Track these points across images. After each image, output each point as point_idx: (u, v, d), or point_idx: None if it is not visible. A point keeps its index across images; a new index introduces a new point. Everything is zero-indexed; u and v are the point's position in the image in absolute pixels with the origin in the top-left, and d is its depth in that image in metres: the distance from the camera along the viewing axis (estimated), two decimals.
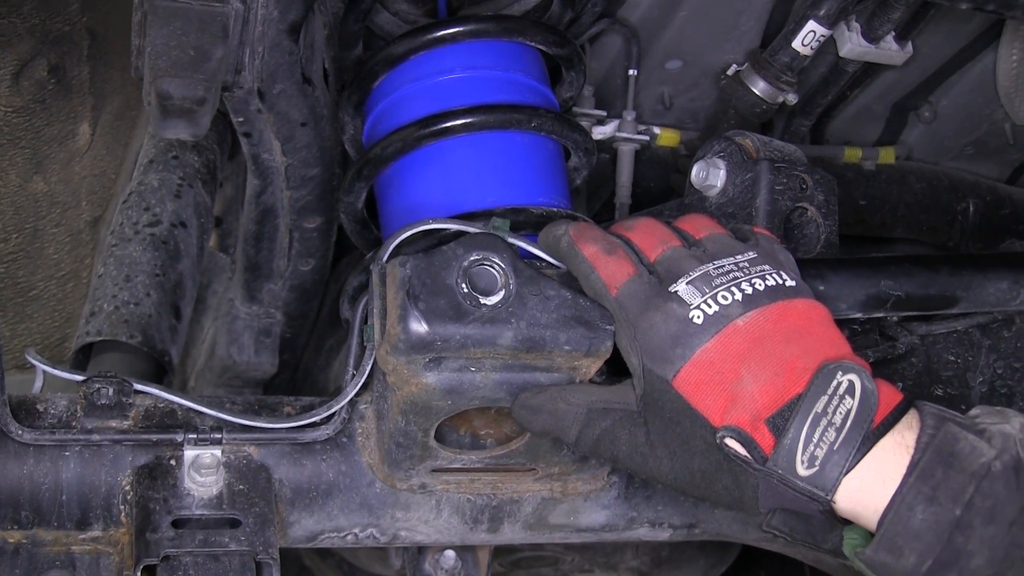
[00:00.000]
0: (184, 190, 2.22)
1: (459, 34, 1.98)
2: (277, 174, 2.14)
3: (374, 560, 2.59)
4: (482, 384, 1.64)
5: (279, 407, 1.84)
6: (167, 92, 1.84)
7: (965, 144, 2.67)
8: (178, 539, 1.68)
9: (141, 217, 2.18)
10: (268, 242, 2.26)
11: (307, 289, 2.34)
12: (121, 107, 2.51)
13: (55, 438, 1.73)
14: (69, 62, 2.47)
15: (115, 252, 2.15)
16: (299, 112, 2.06)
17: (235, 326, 2.39)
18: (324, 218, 2.23)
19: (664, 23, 2.31)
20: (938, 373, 2.06)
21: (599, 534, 1.93)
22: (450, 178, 1.94)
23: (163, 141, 2.28)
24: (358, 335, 1.79)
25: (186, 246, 2.19)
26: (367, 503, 1.82)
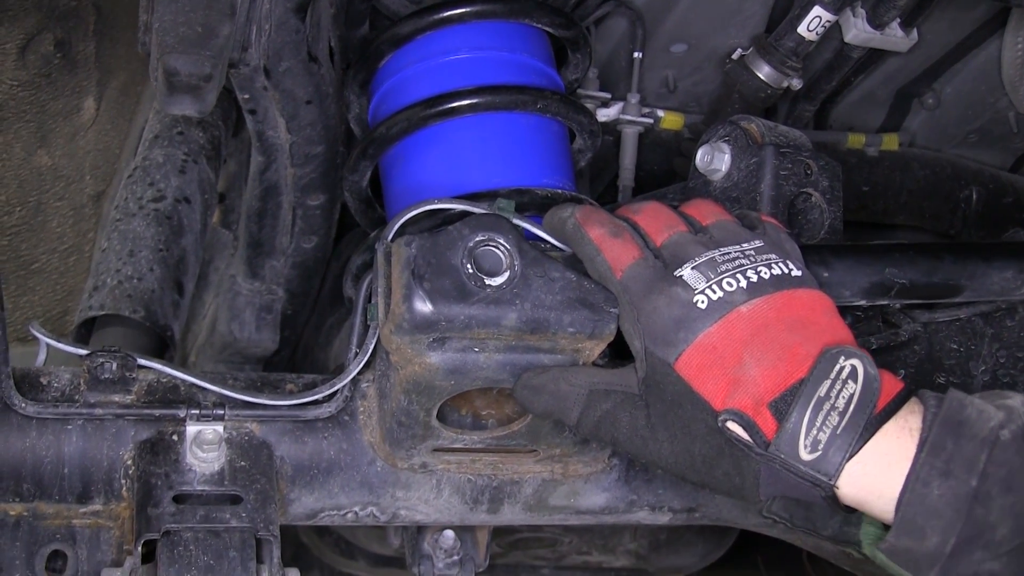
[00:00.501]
0: (189, 166, 2.23)
1: (465, 14, 1.98)
2: (281, 151, 2.15)
3: (372, 539, 2.59)
4: (485, 365, 1.64)
5: (281, 384, 1.84)
6: (174, 68, 1.83)
7: (968, 132, 2.67)
8: (179, 514, 1.68)
9: (145, 192, 2.18)
10: (271, 219, 2.26)
11: (309, 267, 2.35)
12: (126, 82, 2.51)
13: (58, 412, 1.73)
14: (75, 37, 2.46)
15: (119, 227, 2.15)
16: (304, 90, 2.06)
17: (237, 302, 2.39)
18: (327, 196, 2.23)
19: (669, 6, 2.31)
20: (940, 361, 2.06)
21: (599, 516, 1.94)
22: (455, 158, 1.94)
23: (168, 117, 2.28)
24: (361, 314, 1.80)
25: (190, 222, 2.19)
26: (367, 481, 1.83)
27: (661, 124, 2.45)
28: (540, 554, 2.66)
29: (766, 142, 1.92)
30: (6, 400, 1.72)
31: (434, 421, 1.74)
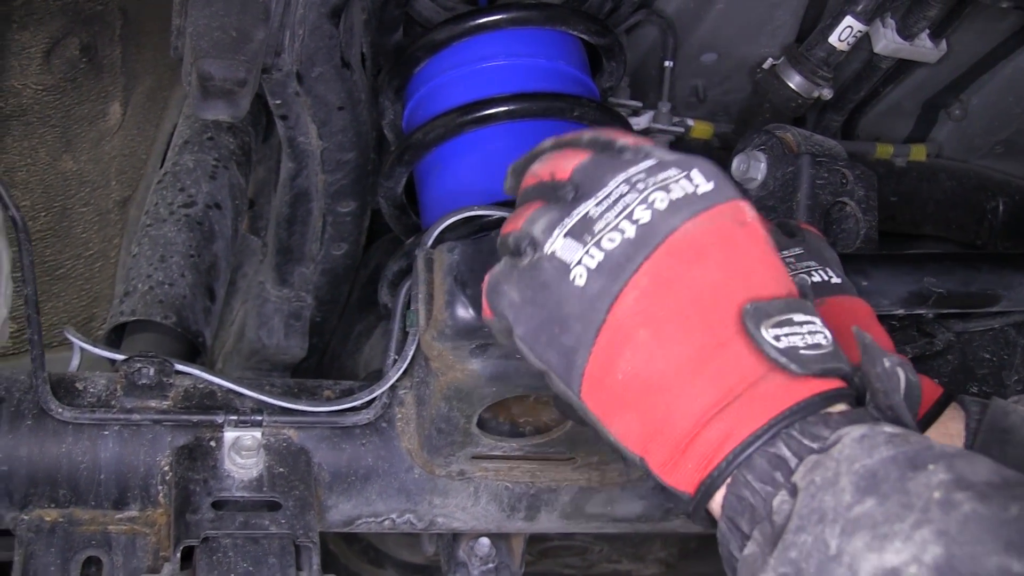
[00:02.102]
0: (219, 171, 2.22)
1: (502, 21, 1.97)
2: (312, 157, 2.14)
3: (402, 546, 2.59)
4: (527, 372, 1.63)
5: (318, 391, 1.84)
6: (208, 73, 1.83)
7: (994, 143, 2.67)
8: (218, 521, 1.68)
9: (176, 198, 2.17)
10: (301, 226, 2.25)
11: (338, 273, 2.34)
12: (153, 87, 2.50)
13: (95, 417, 1.73)
14: (101, 41, 2.46)
15: (150, 232, 2.15)
16: (336, 96, 2.05)
17: (265, 309, 2.39)
18: (358, 203, 2.23)
19: (700, 16, 2.30)
20: (973, 370, 2.06)
21: (634, 524, 1.94)
22: (491, 165, 1.93)
23: (199, 122, 2.28)
24: (399, 320, 1.79)
25: (220, 227, 2.19)
26: (405, 488, 1.82)
27: (690, 133, 2.45)
28: (570, 562, 2.65)
29: (802, 151, 1.92)
30: (43, 405, 1.71)
31: (474, 428, 1.74)
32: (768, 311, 1.19)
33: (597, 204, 1.27)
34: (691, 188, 1.24)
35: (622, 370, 1.22)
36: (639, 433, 1.23)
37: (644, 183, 1.25)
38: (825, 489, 1.09)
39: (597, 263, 1.23)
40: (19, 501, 1.72)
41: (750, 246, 1.24)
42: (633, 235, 1.22)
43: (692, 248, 1.22)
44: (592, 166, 1.31)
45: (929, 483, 1.05)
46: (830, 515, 1.07)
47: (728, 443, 1.18)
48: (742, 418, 1.17)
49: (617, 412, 1.24)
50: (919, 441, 1.10)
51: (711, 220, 1.23)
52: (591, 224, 1.25)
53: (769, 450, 1.15)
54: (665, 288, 1.21)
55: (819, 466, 1.11)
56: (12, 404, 1.73)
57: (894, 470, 1.07)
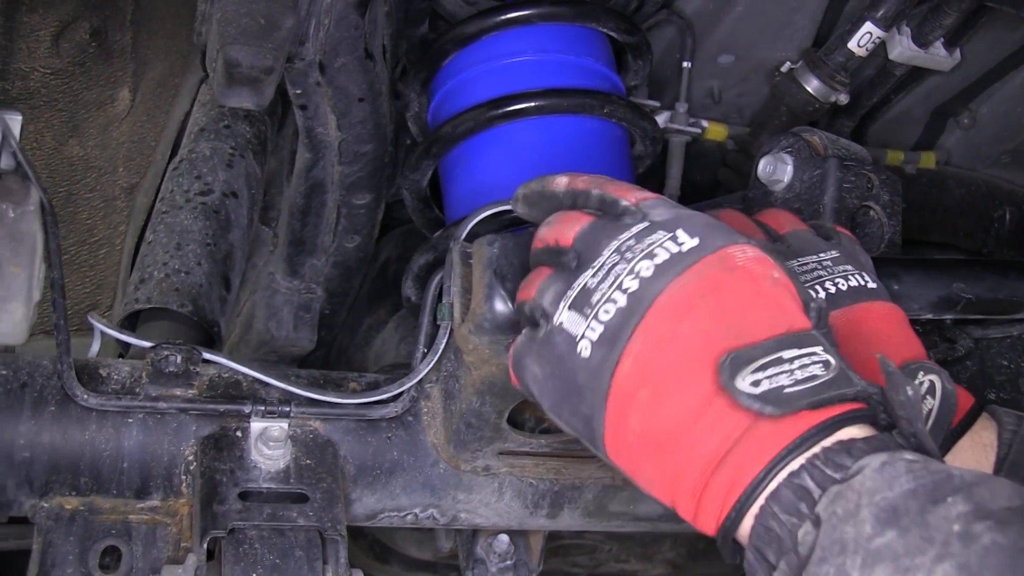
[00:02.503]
0: (236, 160, 2.20)
1: (532, 16, 1.97)
2: (330, 149, 2.12)
3: (409, 543, 2.57)
4: None
5: (344, 382, 1.82)
6: (235, 60, 1.82)
7: (1002, 152, 2.68)
8: (246, 512, 1.65)
9: (192, 185, 2.15)
10: (315, 217, 2.23)
11: (350, 266, 2.32)
12: (164, 74, 2.48)
13: (121, 404, 1.70)
14: (111, 26, 2.43)
15: (165, 219, 2.12)
16: (358, 87, 2.04)
17: (274, 300, 2.36)
18: (373, 195, 2.21)
19: (719, 17, 2.30)
20: (991, 377, 2.07)
21: (656, 524, 1.93)
22: (520, 160, 1.93)
23: (215, 109, 2.25)
24: (430, 313, 1.78)
25: (237, 217, 2.16)
26: (430, 483, 1.81)
27: (705, 135, 2.44)
28: (578, 561, 2.64)
29: (829, 154, 1.92)
30: (68, 391, 1.69)
31: (504, 424, 1.73)
32: (749, 357, 1.21)
33: (593, 275, 1.33)
34: (676, 248, 1.30)
35: (632, 430, 1.27)
36: (662, 485, 1.28)
37: (632, 251, 1.32)
38: (846, 520, 1.10)
39: (598, 335, 1.30)
40: (39, 488, 1.69)
41: (740, 290, 1.28)
42: (625, 304, 1.29)
43: (679, 306, 1.27)
44: (590, 234, 1.37)
45: (948, 516, 1.05)
46: (851, 547, 1.08)
47: (734, 491, 1.20)
48: (742, 465, 1.20)
49: (640, 467, 1.30)
50: (939, 470, 1.11)
51: (698, 275, 1.28)
52: (590, 296, 1.32)
53: (794, 481, 1.17)
54: (656, 348, 1.26)
55: (840, 497, 1.12)
56: (35, 390, 1.70)
57: (914, 503, 1.08)
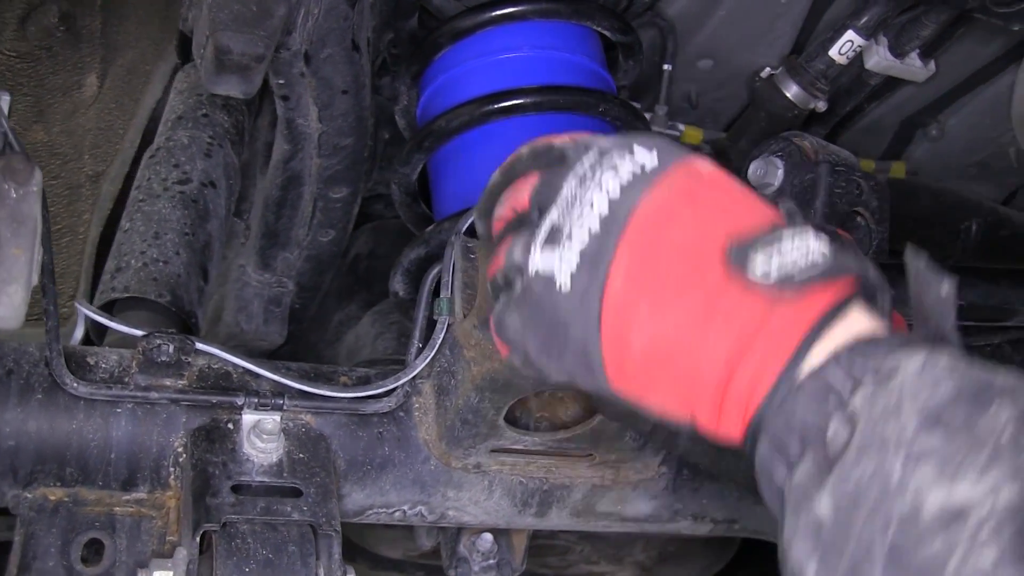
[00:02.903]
0: (214, 149, 2.16)
1: (528, 12, 1.95)
2: (309, 141, 2.10)
3: (381, 541, 2.54)
4: None
5: (335, 376, 1.79)
6: (226, 46, 1.79)
7: (968, 164, 2.70)
8: (239, 505, 1.62)
9: (170, 174, 2.10)
10: (290, 210, 2.21)
11: (323, 260, 2.29)
12: (135, 61, 2.43)
13: (112, 393, 1.66)
14: (81, 11, 2.39)
15: (143, 207, 2.07)
16: (342, 79, 2.02)
17: (245, 293, 2.33)
18: (350, 189, 2.19)
19: (701, 21, 2.30)
20: None
21: (642, 525, 1.92)
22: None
23: (192, 98, 2.21)
24: (426, 308, 1.76)
25: (215, 207, 2.12)
26: (420, 480, 1.79)
27: (682, 138, 2.44)
28: (549, 562, 2.63)
29: (820, 159, 1.92)
30: (57, 379, 1.64)
31: (501, 421, 1.71)
32: (753, 244, 1.17)
33: (559, 211, 1.27)
34: (637, 165, 1.25)
35: (635, 349, 1.21)
36: (677, 399, 1.21)
37: (592, 175, 1.26)
38: (887, 419, 1.05)
39: (576, 264, 1.23)
40: (24, 478, 1.65)
41: (716, 194, 1.24)
42: (599, 227, 1.23)
43: (659, 215, 1.22)
44: (544, 183, 1.31)
45: (997, 421, 1.02)
46: (893, 444, 1.03)
47: (760, 384, 1.15)
48: (767, 355, 1.14)
49: (650, 388, 1.23)
50: (980, 373, 1.06)
51: (668, 186, 1.23)
52: (559, 231, 1.25)
53: (821, 376, 1.11)
54: (647, 258, 1.21)
55: (879, 396, 1.07)
56: (21, 377, 1.65)
57: (961, 407, 1.03)
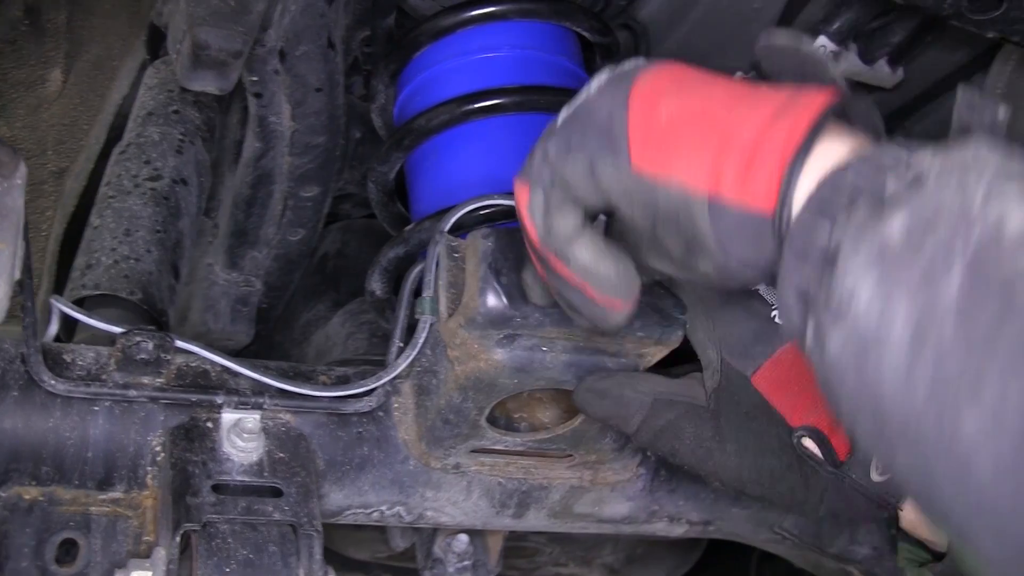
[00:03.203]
0: (186, 146, 2.13)
1: (509, 12, 1.95)
2: (281, 139, 2.08)
3: (348, 542, 2.52)
4: (551, 365, 1.61)
5: (314, 376, 1.78)
6: (204, 42, 1.78)
7: None
8: (220, 505, 1.59)
9: (141, 170, 2.08)
10: (260, 208, 2.19)
11: (292, 260, 2.28)
12: (101, 56, 2.41)
13: (90, 391, 1.64)
14: (46, 5, 2.37)
15: (113, 204, 2.05)
16: (317, 77, 2.01)
17: (212, 292, 2.31)
18: (321, 189, 2.18)
19: (673, 25, 2.30)
20: None
21: (618, 526, 1.92)
22: (493, 156, 1.91)
23: (163, 94, 2.19)
24: (406, 307, 1.75)
25: (186, 205, 2.10)
26: (399, 480, 1.77)
27: None
28: (516, 564, 2.62)
29: None
30: (35, 376, 1.62)
31: (483, 421, 1.70)
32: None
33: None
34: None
35: (663, 116, 1.21)
36: (703, 165, 1.19)
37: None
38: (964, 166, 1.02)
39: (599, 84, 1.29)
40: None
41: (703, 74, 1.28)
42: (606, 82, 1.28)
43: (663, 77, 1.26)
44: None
45: None
46: (975, 172, 1.01)
47: (797, 132, 1.14)
48: (801, 115, 1.14)
49: (674, 156, 1.21)
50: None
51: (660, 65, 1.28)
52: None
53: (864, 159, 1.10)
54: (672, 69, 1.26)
55: (946, 156, 1.05)
56: None
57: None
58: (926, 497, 1.01)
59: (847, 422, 1.07)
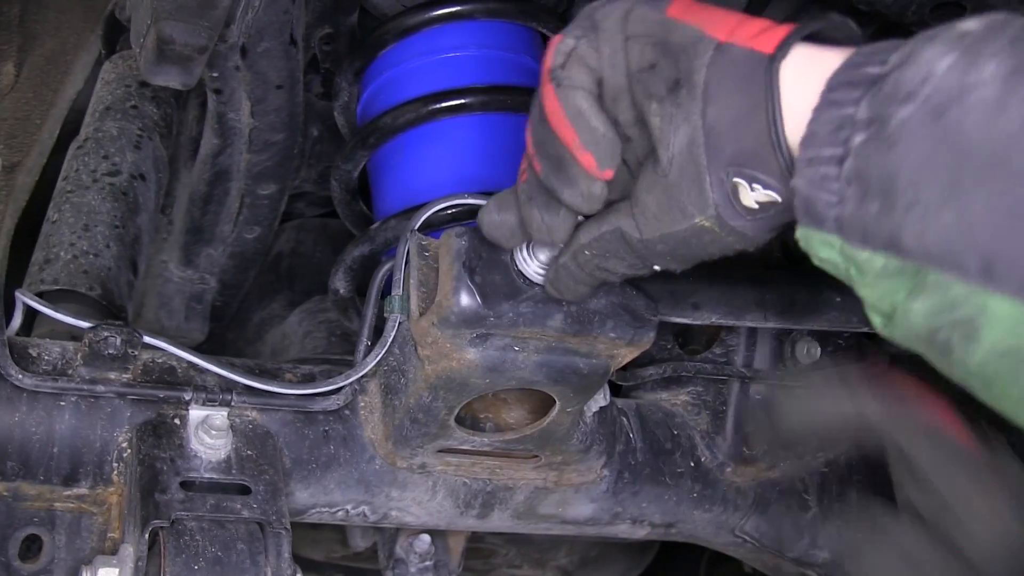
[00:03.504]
0: (144, 142, 2.12)
1: (476, 11, 1.94)
2: (240, 136, 2.07)
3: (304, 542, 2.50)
4: (523, 365, 1.61)
5: (280, 373, 1.77)
6: (169, 36, 1.76)
7: None
8: (189, 502, 1.58)
9: (100, 165, 2.06)
10: (216, 205, 2.17)
11: (247, 258, 2.26)
12: (55, 50, 2.38)
13: (57, 386, 1.62)
14: None
15: (71, 198, 2.03)
16: (278, 74, 2.00)
17: (166, 289, 2.29)
18: (278, 186, 2.16)
19: None
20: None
21: (582, 528, 1.92)
22: (458, 155, 1.91)
23: (120, 88, 2.17)
24: (375, 306, 1.74)
25: (144, 200, 2.08)
26: (365, 479, 1.77)
27: None
28: (471, 565, 2.61)
29: None
30: (1, 371, 1.60)
31: (452, 421, 1.70)
32: None
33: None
34: None
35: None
36: (727, 22, 1.24)
37: None
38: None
39: None
40: None
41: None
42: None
43: None
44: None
45: None
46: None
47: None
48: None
49: (706, 13, 1.27)
50: None
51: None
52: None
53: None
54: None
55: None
56: None
57: None
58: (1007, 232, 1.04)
59: (910, 181, 1.08)
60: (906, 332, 1.13)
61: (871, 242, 1.10)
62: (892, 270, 1.09)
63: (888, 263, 1.09)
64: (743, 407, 1.97)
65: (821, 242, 1.15)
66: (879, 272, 1.11)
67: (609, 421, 1.88)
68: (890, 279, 1.10)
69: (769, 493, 2.00)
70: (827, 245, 1.15)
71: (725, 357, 1.97)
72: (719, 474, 1.97)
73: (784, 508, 2.00)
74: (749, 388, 1.97)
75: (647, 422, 1.95)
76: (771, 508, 1.99)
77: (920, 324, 1.10)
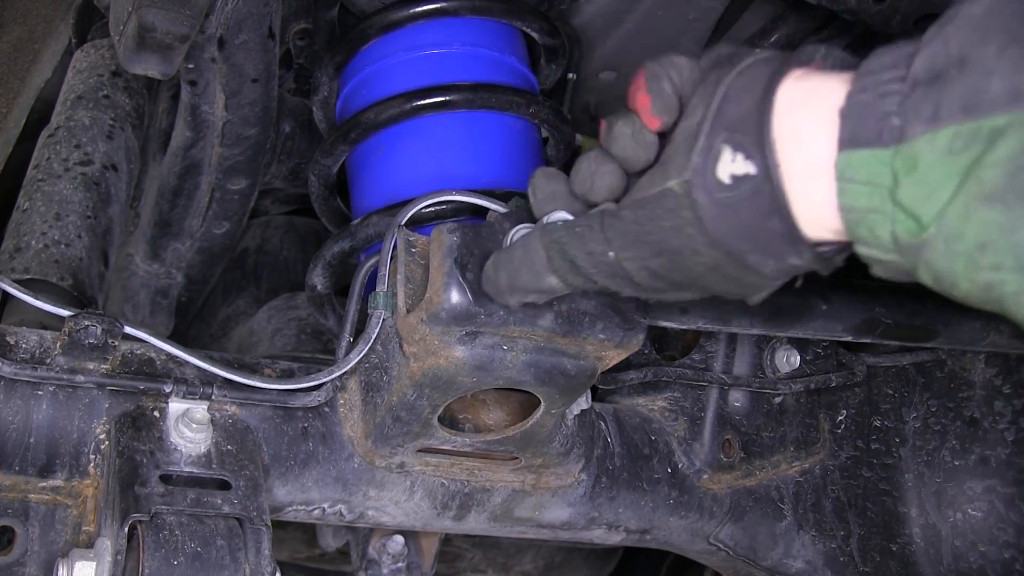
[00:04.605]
0: (116, 132, 2.08)
1: (460, 8, 1.93)
2: (212, 129, 2.05)
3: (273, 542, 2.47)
4: (511, 364, 1.59)
5: (259, 368, 1.74)
6: (151, 24, 1.74)
7: None
8: (169, 496, 1.55)
9: (72, 154, 2.02)
10: (186, 199, 2.15)
11: (215, 253, 2.23)
12: (22, 39, 2.34)
13: (36, 374, 1.59)
14: None
15: (42, 187, 1.99)
16: (254, 67, 1.98)
17: (131, 283, 2.26)
18: (249, 182, 2.14)
19: (607, 33, 2.30)
20: (878, 404, 2.12)
21: (556, 532, 1.91)
22: (440, 151, 1.89)
23: (93, 78, 2.13)
24: (359, 302, 1.72)
25: (116, 191, 2.05)
26: (343, 477, 1.75)
27: (582, 149, 2.44)
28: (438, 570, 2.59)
29: None
30: None
31: (435, 420, 1.68)
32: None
33: None
34: None
35: None
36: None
37: None
38: None
39: None
40: None
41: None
42: None
43: None
44: None
45: None
46: None
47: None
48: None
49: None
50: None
51: None
52: None
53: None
54: None
55: None
56: None
57: None
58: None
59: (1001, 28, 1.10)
60: (963, 212, 1.10)
61: (942, 116, 1.09)
62: (965, 135, 1.08)
63: (960, 130, 1.08)
64: (721, 413, 1.97)
65: (865, 161, 1.14)
66: (944, 149, 1.09)
67: (588, 425, 1.87)
68: (953, 156, 1.09)
69: (745, 501, 2.00)
70: (873, 161, 1.13)
71: (704, 363, 1.97)
72: (696, 481, 1.97)
73: (759, 517, 2.00)
74: (728, 395, 1.97)
75: (625, 427, 1.95)
76: (746, 516, 1.99)
77: (996, 178, 1.07)
